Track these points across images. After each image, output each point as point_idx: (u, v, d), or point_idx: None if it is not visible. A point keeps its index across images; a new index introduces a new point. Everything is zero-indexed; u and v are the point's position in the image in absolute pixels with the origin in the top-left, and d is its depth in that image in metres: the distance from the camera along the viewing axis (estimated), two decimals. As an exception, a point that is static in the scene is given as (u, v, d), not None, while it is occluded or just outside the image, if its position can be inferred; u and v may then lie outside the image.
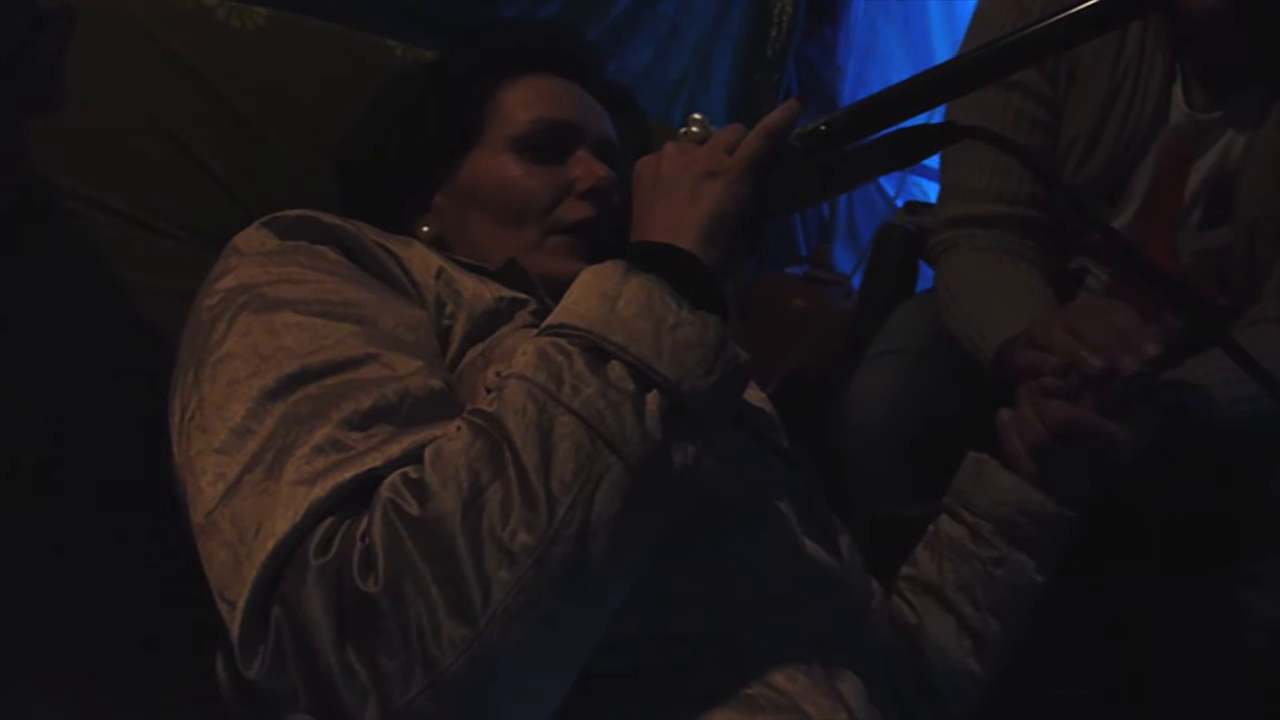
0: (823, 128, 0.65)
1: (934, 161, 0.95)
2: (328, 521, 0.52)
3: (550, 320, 0.58)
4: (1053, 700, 1.15)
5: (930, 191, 2.85)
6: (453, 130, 0.85)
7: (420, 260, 0.73)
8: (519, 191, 0.82)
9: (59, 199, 0.81)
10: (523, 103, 0.85)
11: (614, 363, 0.55)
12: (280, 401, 0.57)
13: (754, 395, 0.88)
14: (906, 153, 0.66)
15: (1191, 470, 1.00)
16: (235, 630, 0.51)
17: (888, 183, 3.02)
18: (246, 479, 0.54)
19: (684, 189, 0.64)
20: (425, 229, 0.84)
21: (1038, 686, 1.06)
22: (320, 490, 0.52)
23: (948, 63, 0.66)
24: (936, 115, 0.80)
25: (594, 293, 0.58)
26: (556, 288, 0.65)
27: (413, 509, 0.51)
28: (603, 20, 2.43)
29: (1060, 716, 1.17)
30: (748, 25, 2.79)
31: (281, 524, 0.51)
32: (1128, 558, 1.11)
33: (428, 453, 0.53)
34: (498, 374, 0.57)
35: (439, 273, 0.72)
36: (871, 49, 3.04)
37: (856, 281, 2.33)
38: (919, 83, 0.65)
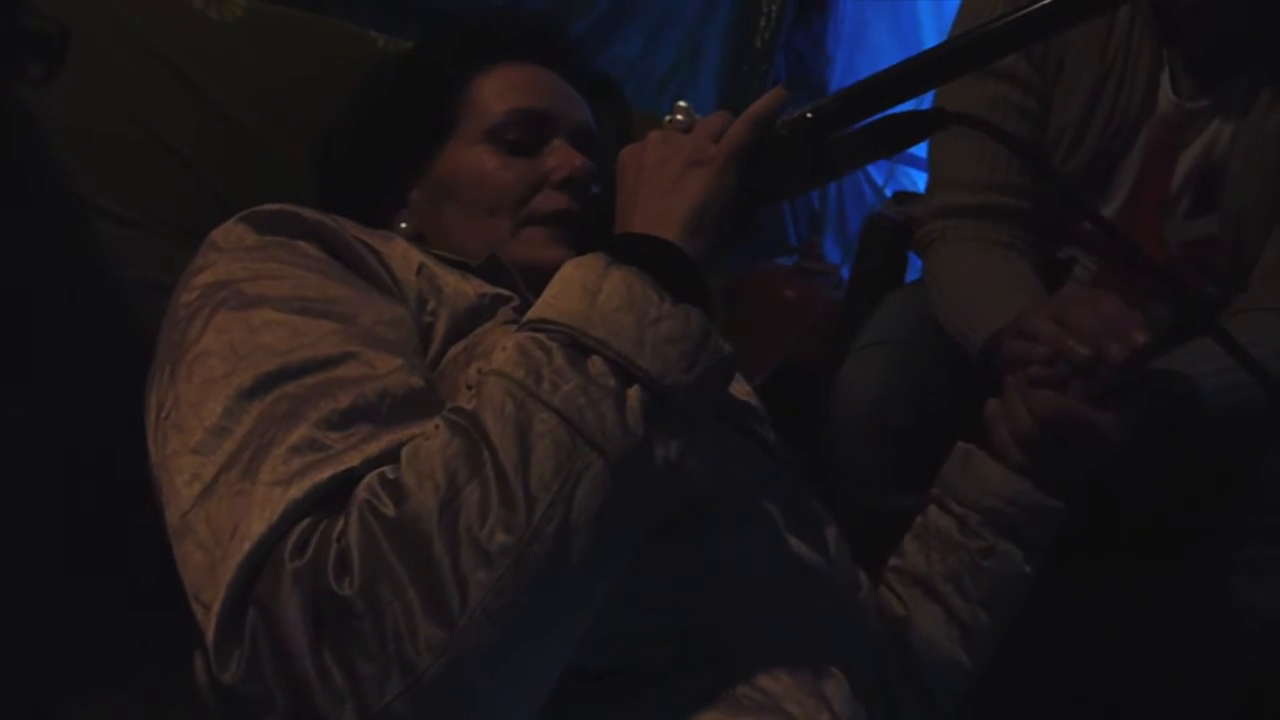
0: (809, 115, 0.65)
1: (923, 151, 0.95)
2: (305, 523, 0.51)
3: (531, 314, 0.58)
4: (1041, 691, 1.15)
5: (919, 181, 2.85)
6: (427, 122, 0.84)
7: (401, 256, 0.72)
8: (493, 183, 0.81)
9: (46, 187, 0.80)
10: (497, 92, 0.84)
11: (594, 358, 0.54)
12: (258, 400, 0.56)
13: (739, 389, 0.87)
14: (894, 139, 0.65)
15: (1179, 459, 1.00)
16: (210, 634, 0.50)
17: (876, 173, 3.02)
18: (223, 479, 0.53)
19: (668, 178, 0.63)
20: (404, 225, 0.83)
21: (1026, 677, 1.06)
22: (297, 491, 0.51)
23: (935, 47, 0.65)
24: (925, 102, 0.79)
25: (575, 286, 0.57)
26: (537, 281, 0.64)
27: (389, 510, 0.50)
28: (591, 11, 2.42)
29: (1048, 707, 1.17)
30: (736, 16, 2.78)
31: (257, 525, 0.50)
32: (1115, 547, 1.10)
33: (405, 452, 0.53)
34: (479, 371, 0.56)
35: (420, 269, 0.71)
36: (860, 39, 3.04)
37: (846, 273, 2.33)
38: (906, 68, 0.64)
